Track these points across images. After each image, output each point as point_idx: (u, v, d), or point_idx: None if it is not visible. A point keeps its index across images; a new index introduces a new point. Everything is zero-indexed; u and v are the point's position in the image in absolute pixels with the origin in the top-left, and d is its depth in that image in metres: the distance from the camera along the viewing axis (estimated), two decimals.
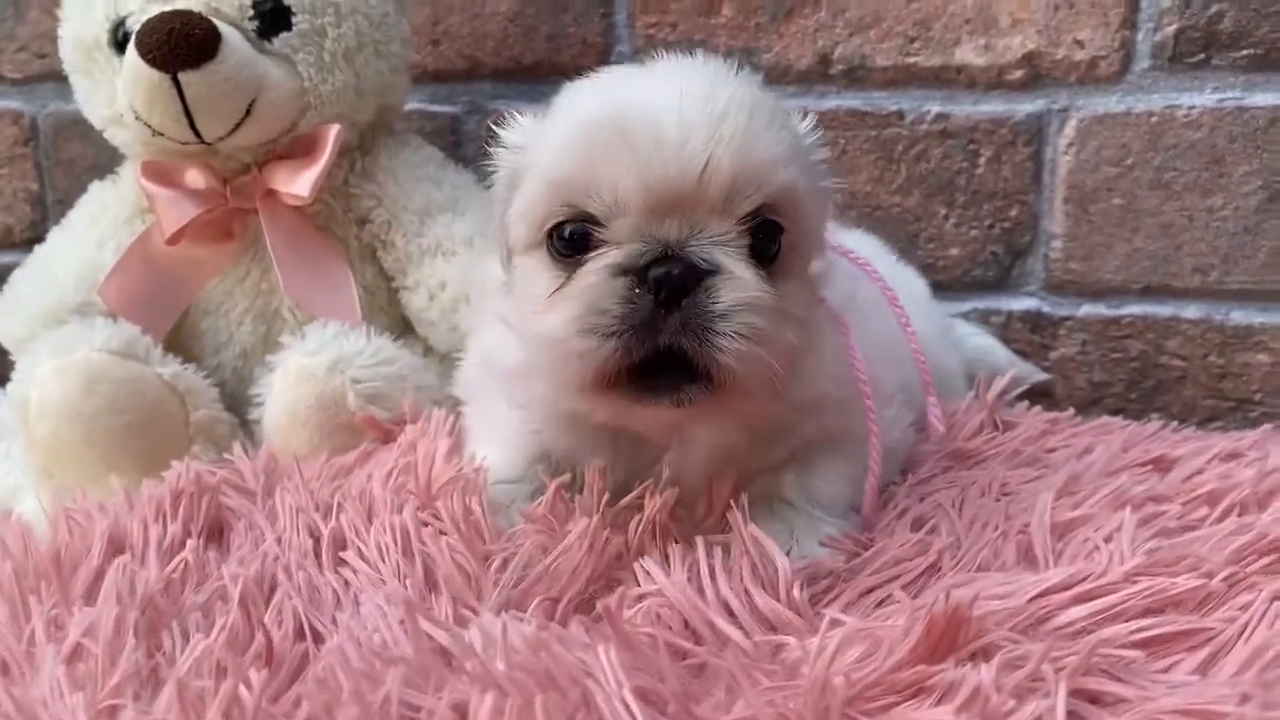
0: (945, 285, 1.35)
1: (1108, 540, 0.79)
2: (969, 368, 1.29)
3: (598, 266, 0.75)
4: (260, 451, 1.04)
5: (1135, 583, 0.73)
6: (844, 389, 0.89)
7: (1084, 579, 0.74)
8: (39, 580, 0.75)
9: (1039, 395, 1.34)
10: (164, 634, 0.68)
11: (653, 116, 0.74)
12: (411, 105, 1.41)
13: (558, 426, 0.89)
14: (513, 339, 0.87)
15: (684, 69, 0.81)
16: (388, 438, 1.07)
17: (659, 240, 0.74)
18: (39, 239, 1.68)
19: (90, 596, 0.74)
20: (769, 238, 0.78)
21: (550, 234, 0.78)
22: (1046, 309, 1.33)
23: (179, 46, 1.04)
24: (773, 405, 0.82)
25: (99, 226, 1.21)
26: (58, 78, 1.63)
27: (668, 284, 0.73)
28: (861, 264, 1.05)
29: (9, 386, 1.11)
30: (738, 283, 0.74)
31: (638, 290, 0.73)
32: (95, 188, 1.27)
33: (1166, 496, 0.87)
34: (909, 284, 1.23)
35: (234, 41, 1.08)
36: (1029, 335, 1.34)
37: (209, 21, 1.06)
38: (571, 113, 0.80)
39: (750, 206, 0.75)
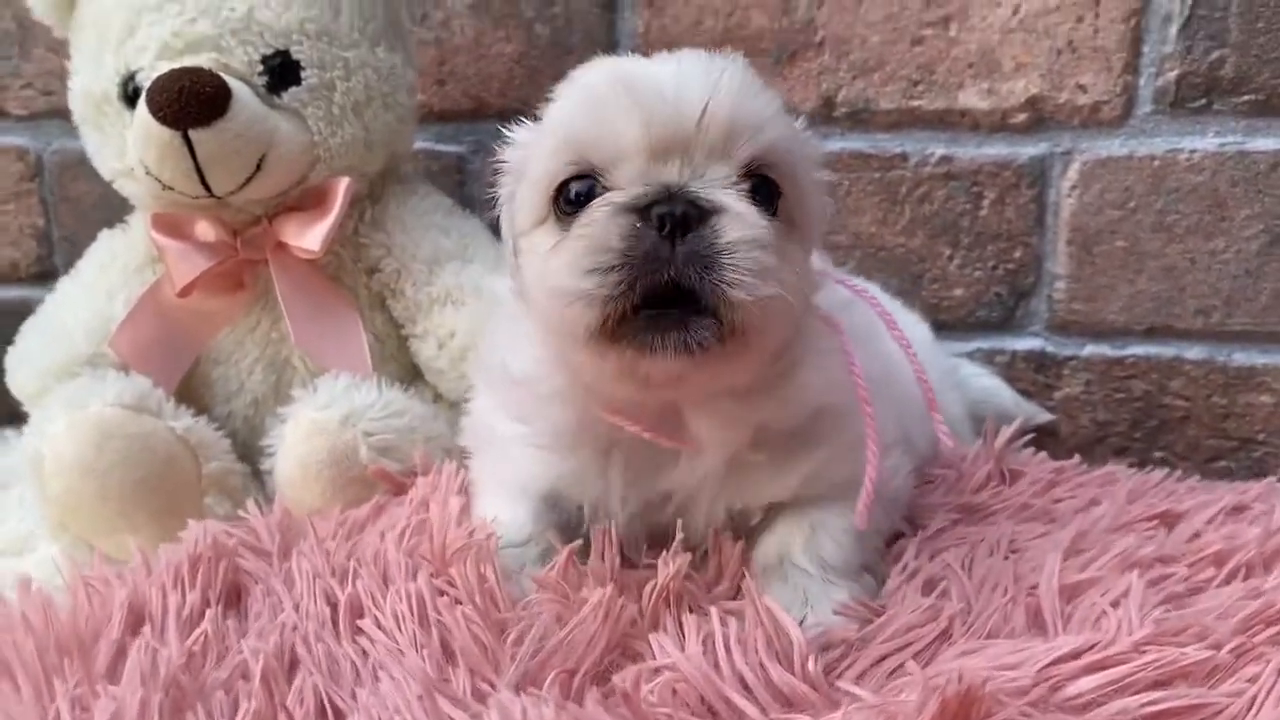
0: (950, 325, 1.36)
1: (1115, 605, 0.80)
2: (975, 409, 1.30)
3: (600, 205, 0.77)
4: (274, 508, 1.04)
5: (1144, 653, 0.74)
6: (845, 395, 0.89)
7: (1093, 648, 0.75)
8: (61, 656, 0.75)
9: (1044, 434, 1.36)
10: (188, 715, 0.69)
11: (654, 74, 0.79)
12: (418, 144, 1.42)
13: (563, 442, 0.90)
14: (520, 340, 0.90)
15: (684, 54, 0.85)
16: (400, 490, 1.08)
17: (661, 183, 0.77)
18: (46, 274, 1.71)
19: (113, 673, 0.75)
20: (767, 199, 0.80)
21: (556, 197, 0.81)
22: (1051, 349, 1.34)
23: (190, 104, 1.05)
24: (775, 402, 0.86)
25: (108, 276, 1.22)
26: (63, 115, 1.63)
27: (671, 219, 0.74)
28: (859, 291, 1.05)
29: (24, 440, 1.12)
30: (741, 219, 0.76)
31: (640, 225, 0.75)
32: (105, 236, 1.28)
33: (1173, 557, 0.88)
34: (910, 329, 1.24)
35: (244, 97, 1.08)
36: (1033, 375, 1.35)
37: (219, 78, 1.07)
38: (576, 82, 0.84)
39: (747, 153, 0.79)
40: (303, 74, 1.12)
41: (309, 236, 1.13)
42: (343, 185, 1.13)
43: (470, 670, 0.77)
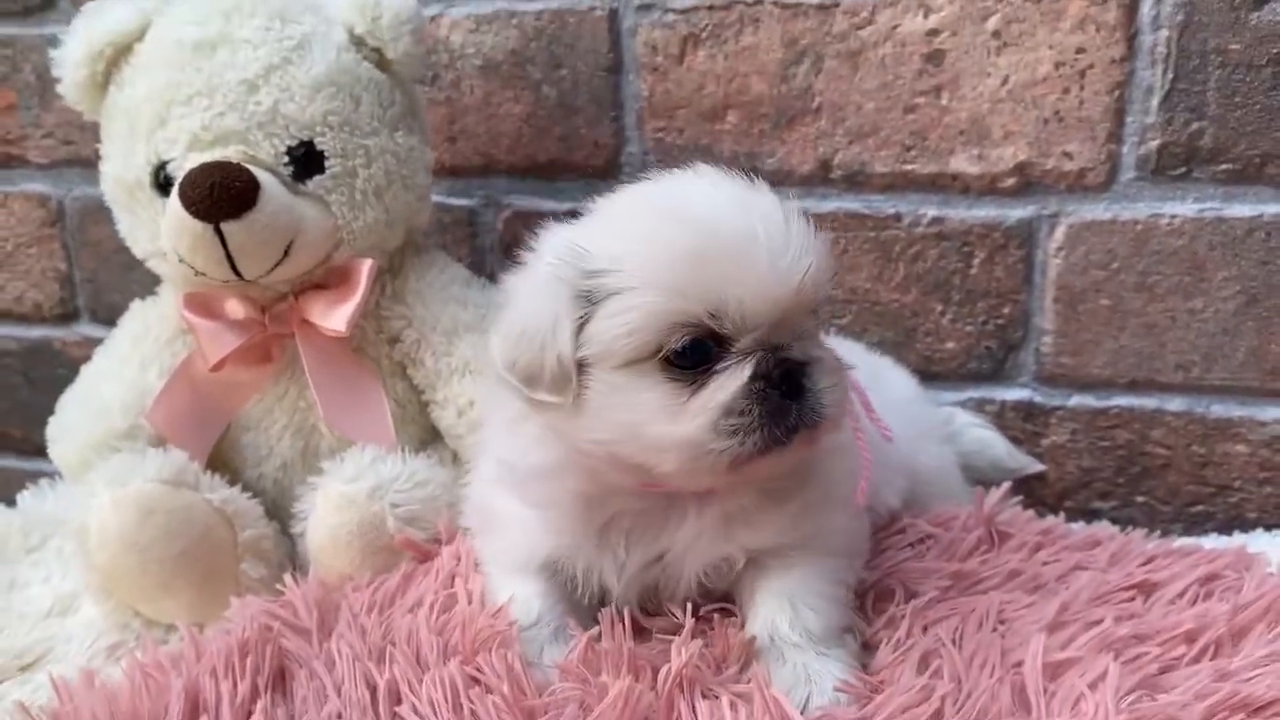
0: (943, 376, 1.42)
1: (1093, 688, 0.87)
2: (969, 459, 1.37)
3: (737, 376, 0.86)
4: (309, 579, 1.11)
5: None
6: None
7: None
8: None
9: (1033, 478, 1.43)
10: None
11: (751, 235, 0.85)
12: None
13: (574, 522, 0.97)
14: (529, 444, 0.96)
15: (723, 181, 0.91)
16: (426, 557, 1.15)
17: (777, 348, 0.87)
18: (68, 315, 1.78)
19: None
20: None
21: (659, 347, 0.86)
22: (1038, 399, 1.41)
23: (221, 199, 1.11)
24: None
25: (142, 349, 1.28)
26: (83, 163, 1.70)
27: (792, 381, 0.87)
28: None
29: (69, 512, 1.19)
30: (829, 364, 0.90)
31: (768, 389, 0.86)
32: (137, 307, 1.34)
33: (1147, 635, 0.94)
34: (896, 383, 1.30)
35: (271, 189, 1.14)
36: (1021, 424, 1.42)
37: (248, 172, 1.12)
38: (667, 235, 0.86)
39: (822, 299, 0.91)
40: (326, 163, 1.18)
41: (335, 317, 1.19)
42: (366, 267, 1.19)
43: None
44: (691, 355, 0.86)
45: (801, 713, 0.88)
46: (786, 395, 0.86)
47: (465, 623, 0.97)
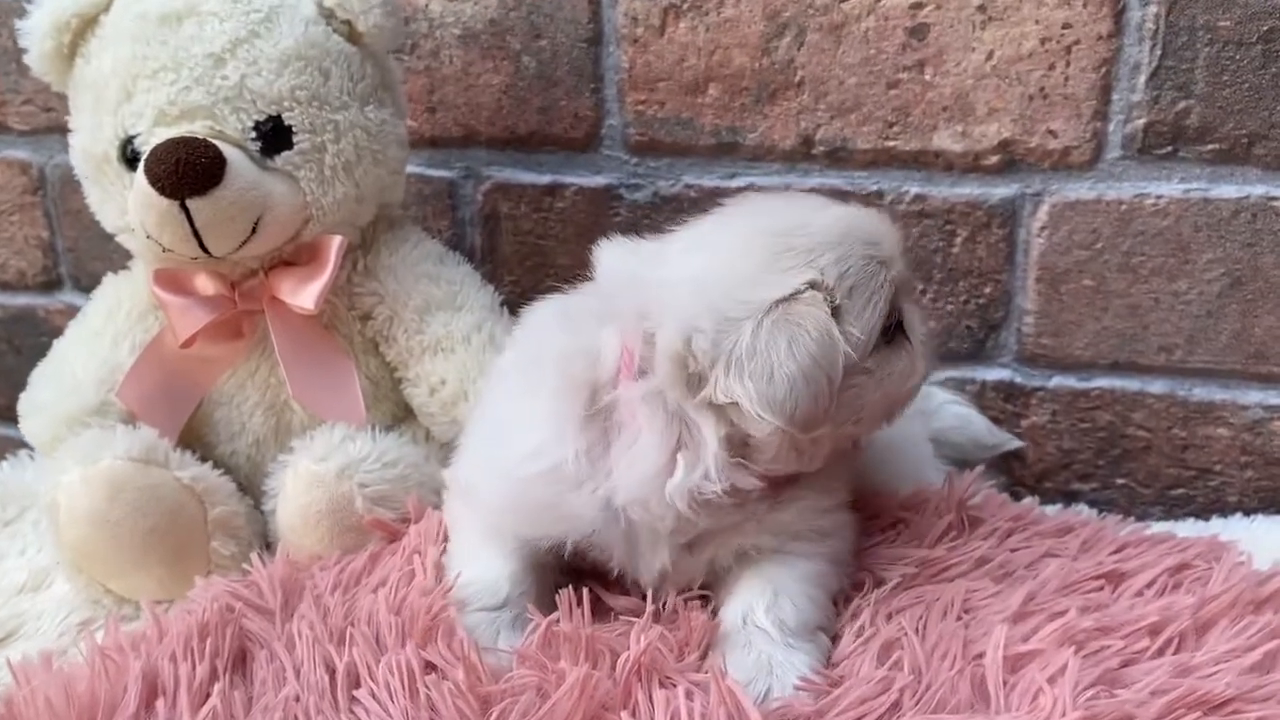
0: None
1: (1052, 682, 0.87)
2: (947, 435, 1.36)
3: (913, 316, 1.00)
4: (276, 558, 1.11)
5: None
6: None
7: None
8: None
9: (1013, 458, 1.42)
10: None
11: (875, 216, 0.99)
12: (410, 169, 1.45)
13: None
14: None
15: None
16: (394, 536, 1.15)
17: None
18: (51, 283, 1.77)
19: None
20: None
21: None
22: (1019, 379, 1.39)
23: (186, 175, 1.09)
24: None
25: (114, 323, 1.27)
26: (64, 130, 1.66)
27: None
28: None
29: (39, 486, 1.19)
30: None
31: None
32: (110, 281, 1.33)
33: (1111, 628, 0.94)
34: None
35: (238, 165, 1.12)
36: (1002, 403, 1.41)
37: (214, 148, 1.11)
38: (842, 232, 0.94)
39: None
40: (294, 138, 1.16)
41: (304, 295, 1.18)
42: (335, 244, 1.18)
43: None
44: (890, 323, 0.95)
45: (759, 704, 0.88)
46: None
47: (418, 605, 0.97)
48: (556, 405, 0.95)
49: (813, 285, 0.88)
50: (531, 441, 0.96)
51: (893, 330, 0.95)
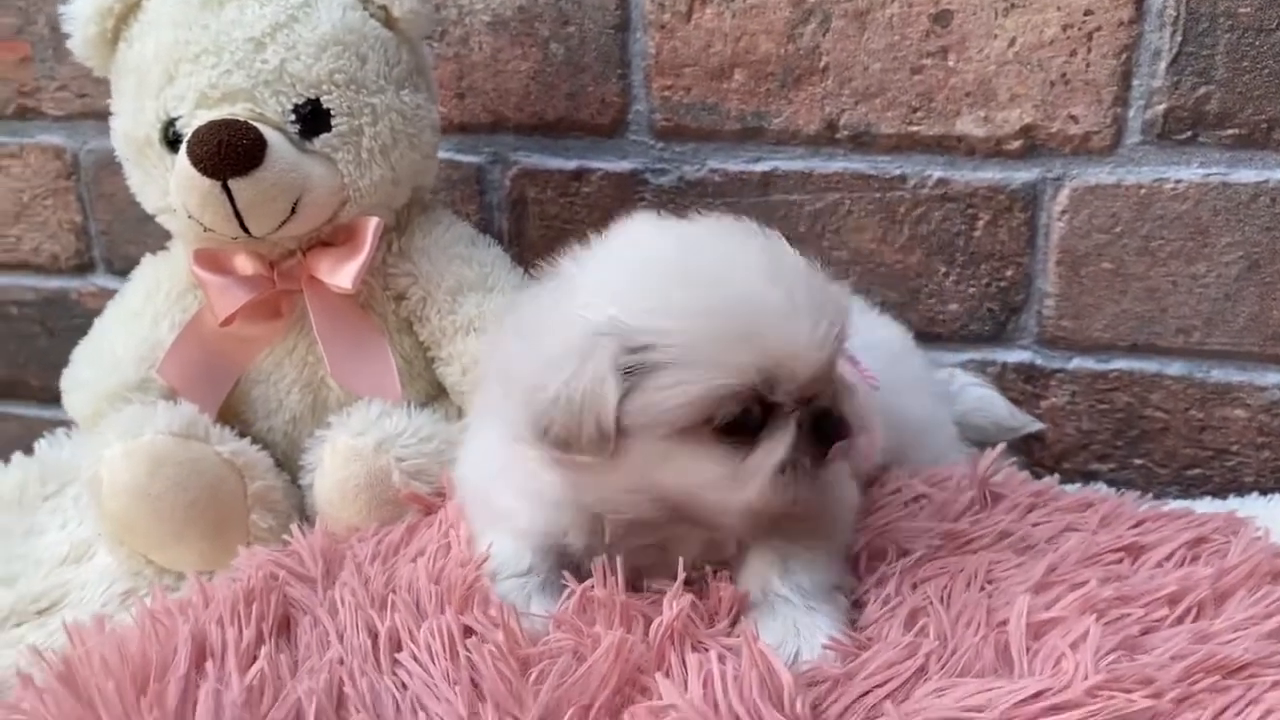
0: (945, 337, 1.44)
1: (1074, 648, 0.89)
2: (969, 417, 1.38)
3: (784, 436, 0.91)
4: (315, 530, 1.14)
5: (1095, 698, 0.83)
6: None
7: (1049, 691, 0.85)
8: (138, 695, 0.85)
9: (1032, 438, 1.44)
10: None
11: (794, 306, 0.89)
12: (439, 155, 1.48)
13: (573, 522, 1.01)
14: (532, 498, 1.01)
15: (742, 237, 0.95)
16: (429, 510, 1.18)
17: (816, 403, 0.92)
18: (84, 267, 1.80)
19: (183, 713, 0.85)
20: None
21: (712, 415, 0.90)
22: (1039, 361, 1.42)
23: (228, 156, 1.12)
24: None
25: (153, 303, 1.30)
26: (97, 115, 1.71)
27: (826, 423, 0.93)
28: None
29: (82, 462, 1.22)
30: (847, 388, 0.96)
31: (812, 441, 0.92)
32: (149, 261, 1.36)
33: (1131, 597, 0.96)
34: (884, 334, 1.31)
35: (279, 146, 1.15)
36: (1022, 385, 1.43)
37: (255, 130, 1.14)
38: (713, 312, 0.89)
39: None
40: (333, 121, 1.19)
41: (341, 274, 1.21)
42: (372, 225, 1.21)
43: (497, 706, 0.87)
44: (741, 422, 0.90)
45: (789, 666, 0.91)
46: (821, 440, 0.92)
47: (456, 575, 1.00)
48: None
49: None
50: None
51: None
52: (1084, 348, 1.39)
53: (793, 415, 0.91)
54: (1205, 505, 1.29)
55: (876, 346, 1.23)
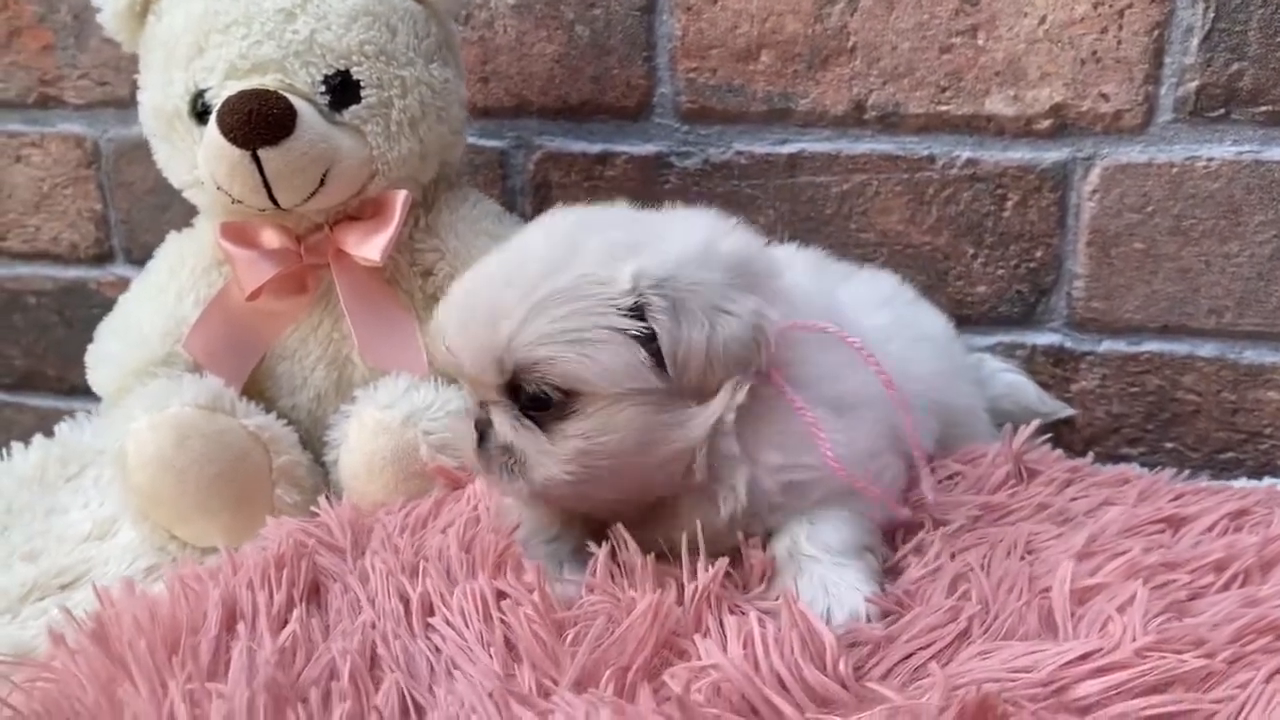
0: (973, 320, 1.42)
1: (1121, 611, 0.88)
2: (999, 403, 1.36)
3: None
4: (343, 503, 1.13)
5: (1145, 659, 0.82)
6: (817, 471, 0.97)
7: (1098, 652, 0.83)
8: (170, 655, 0.84)
9: (1061, 423, 1.42)
10: (289, 714, 0.78)
11: (458, 300, 0.97)
12: None
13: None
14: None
15: (549, 228, 1.00)
16: (456, 484, 1.17)
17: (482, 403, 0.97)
18: (104, 256, 1.80)
19: (215, 671, 0.84)
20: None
21: None
22: (1069, 344, 1.41)
23: (259, 125, 1.12)
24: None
25: (179, 279, 1.29)
26: (118, 104, 1.72)
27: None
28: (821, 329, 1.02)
29: (109, 435, 1.21)
30: (503, 438, 0.95)
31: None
32: (173, 238, 1.35)
33: (1176, 563, 0.95)
34: (925, 322, 1.29)
35: (309, 117, 1.15)
36: (1051, 368, 1.42)
37: (286, 100, 1.13)
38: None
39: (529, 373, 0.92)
40: (362, 93, 1.18)
41: (369, 247, 1.20)
42: (401, 198, 1.20)
43: (534, 667, 0.85)
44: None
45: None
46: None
47: (488, 542, 0.98)
48: None
49: None
50: None
51: None
52: (1114, 330, 1.38)
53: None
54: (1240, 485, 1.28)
55: (928, 339, 1.23)
